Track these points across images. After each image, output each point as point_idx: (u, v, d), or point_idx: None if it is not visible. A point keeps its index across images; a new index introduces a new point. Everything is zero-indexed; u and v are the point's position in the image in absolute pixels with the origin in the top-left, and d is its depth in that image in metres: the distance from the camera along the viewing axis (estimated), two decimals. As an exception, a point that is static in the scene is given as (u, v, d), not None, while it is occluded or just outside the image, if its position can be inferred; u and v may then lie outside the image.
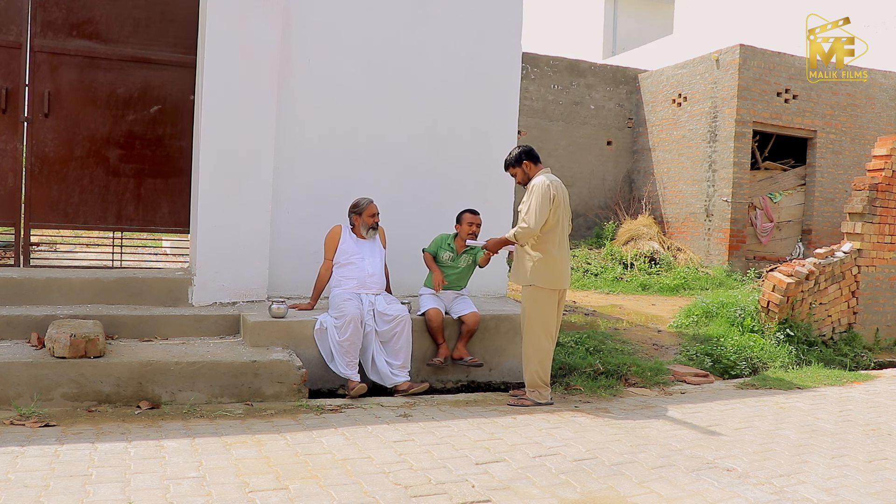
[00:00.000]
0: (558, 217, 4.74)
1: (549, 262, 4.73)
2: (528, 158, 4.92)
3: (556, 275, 4.76)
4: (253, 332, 4.85)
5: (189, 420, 4.01)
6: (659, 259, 11.36)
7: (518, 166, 4.93)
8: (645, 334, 7.15)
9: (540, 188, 4.69)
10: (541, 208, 4.64)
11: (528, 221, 4.66)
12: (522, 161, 4.91)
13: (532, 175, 4.89)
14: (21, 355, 4.23)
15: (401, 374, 4.94)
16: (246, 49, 5.38)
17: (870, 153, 8.75)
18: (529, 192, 4.76)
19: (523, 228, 4.69)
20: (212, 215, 5.35)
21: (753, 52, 11.27)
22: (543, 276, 4.73)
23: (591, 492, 3.24)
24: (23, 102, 5.33)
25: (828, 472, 3.68)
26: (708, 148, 11.71)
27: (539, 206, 4.65)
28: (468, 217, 5.40)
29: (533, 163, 4.91)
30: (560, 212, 4.76)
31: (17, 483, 2.98)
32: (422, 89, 6.07)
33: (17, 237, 5.43)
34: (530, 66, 12.54)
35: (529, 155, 4.92)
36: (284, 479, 3.17)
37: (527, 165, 4.90)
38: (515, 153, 4.94)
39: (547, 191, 4.67)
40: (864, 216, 7.64)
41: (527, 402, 4.77)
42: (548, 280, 4.74)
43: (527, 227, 4.67)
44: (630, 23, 20.28)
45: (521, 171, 4.93)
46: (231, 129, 5.35)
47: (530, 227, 4.66)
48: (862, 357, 7.27)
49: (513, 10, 6.29)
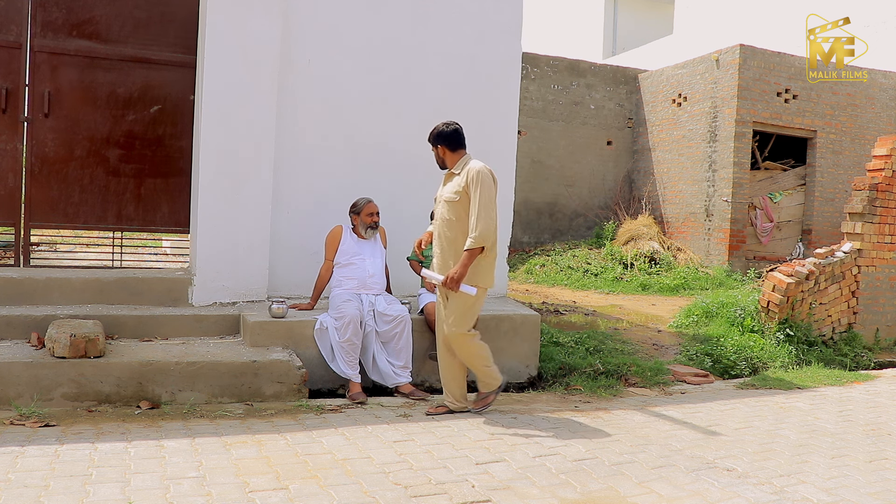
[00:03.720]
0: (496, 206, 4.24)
1: (491, 259, 4.24)
2: (444, 142, 4.26)
3: (492, 273, 4.32)
4: (253, 332, 4.85)
5: (189, 420, 4.01)
6: (659, 259, 11.36)
7: (434, 146, 4.32)
8: (645, 334, 7.15)
9: (486, 175, 4.12)
10: (493, 197, 4.12)
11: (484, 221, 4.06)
12: (438, 143, 4.28)
13: (449, 162, 4.30)
14: (21, 355, 4.23)
15: (403, 375, 4.93)
16: (246, 49, 5.38)
17: (870, 153, 8.75)
18: (470, 179, 4.13)
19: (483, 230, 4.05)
20: (212, 215, 5.35)
21: (753, 52, 11.27)
22: (487, 275, 4.27)
23: (591, 492, 3.24)
24: (23, 102, 5.33)
25: (828, 472, 3.68)
26: (708, 148, 11.71)
27: (490, 197, 4.09)
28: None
29: (450, 148, 4.25)
30: None
31: (17, 483, 2.98)
32: (422, 89, 6.07)
33: (17, 237, 5.43)
34: (530, 66, 12.54)
35: (447, 140, 4.24)
36: (284, 479, 3.17)
37: (441, 149, 4.28)
38: (435, 132, 4.28)
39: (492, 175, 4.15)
40: (864, 216, 7.63)
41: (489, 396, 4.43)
42: (490, 279, 4.31)
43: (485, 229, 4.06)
44: (630, 23, 20.28)
45: (437, 152, 4.33)
46: (231, 129, 5.35)
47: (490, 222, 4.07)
48: (862, 357, 7.26)
49: (513, 11, 6.29)
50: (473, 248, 4.10)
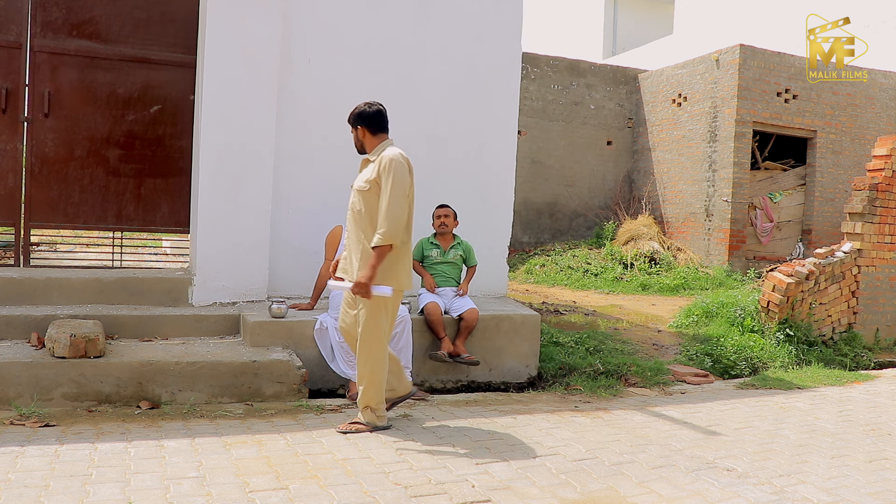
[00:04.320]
0: (412, 198, 3.87)
1: (404, 257, 3.86)
2: (364, 124, 3.91)
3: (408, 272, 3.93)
4: (253, 332, 4.85)
5: (189, 420, 4.01)
6: (659, 259, 11.36)
7: (354, 127, 3.97)
8: (645, 334, 7.15)
9: (398, 163, 3.74)
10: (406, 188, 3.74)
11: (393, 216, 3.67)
12: (358, 125, 3.94)
13: (368, 147, 3.94)
14: (21, 355, 4.23)
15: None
16: (246, 49, 5.38)
17: (870, 153, 8.75)
18: (382, 168, 3.75)
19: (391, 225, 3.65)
20: (212, 215, 5.35)
21: (753, 52, 11.27)
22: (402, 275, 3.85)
23: (591, 492, 3.24)
24: (23, 102, 5.33)
25: (828, 472, 3.68)
26: (708, 148, 11.71)
27: (402, 188, 3.72)
28: (436, 212, 5.56)
29: (370, 131, 3.90)
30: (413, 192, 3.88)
31: (17, 483, 2.98)
32: (422, 89, 6.07)
33: (17, 237, 5.43)
34: (530, 66, 12.54)
35: (368, 120, 3.90)
36: (284, 479, 3.17)
37: (361, 131, 3.93)
38: (355, 112, 3.94)
39: (406, 164, 3.79)
40: (864, 216, 7.64)
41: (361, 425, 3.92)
42: (406, 280, 3.90)
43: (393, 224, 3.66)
44: (630, 23, 20.28)
45: (355, 135, 3.99)
46: (231, 129, 5.35)
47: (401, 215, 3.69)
48: (862, 357, 7.27)
49: (513, 11, 6.29)
50: (382, 246, 3.69)
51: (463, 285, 5.55)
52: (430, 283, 5.44)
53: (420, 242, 5.62)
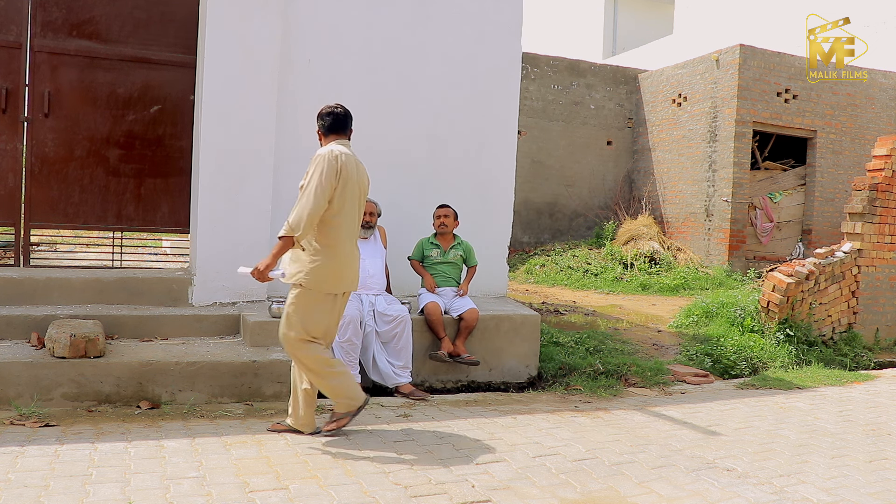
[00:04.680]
0: (345, 199, 3.71)
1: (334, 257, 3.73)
2: (319, 123, 3.89)
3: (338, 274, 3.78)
4: (253, 332, 4.85)
5: (189, 420, 4.01)
6: (659, 259, 11.37)
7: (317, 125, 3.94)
8: (645, 334, 7.15)
9: (325, 159, 3.65)
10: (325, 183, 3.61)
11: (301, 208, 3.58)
12: (317, 122, 3.92)
13: (321, 145, 3.91)
14: (21, 355, 4.23)
15: (403, 375, 4.94)
16: (246, 49, 5.38)
17: (870, 153, 8.75)
18: (310, 162, 3.72)
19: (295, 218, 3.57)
20: (212, 215, 5.35)
21: (753, 52, 11.27)
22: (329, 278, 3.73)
23: (591, 492, 3.24)
24: (23, 102, 5.33)
25: (828, 472, 3.68)
26: (708, 148, 11.71)
27: (320, 182, 3.60)
28: (436, 212, 5.61)
29: (322, 132, 3.87)
30: (349, 193, 3.73)
31: (17, 483, 2.98)
32: (421, 89, 6.07)
33: (17, 237, 5.43)
34: (530, 66, 12.54)
35: (322, 120, 3.87)
36: (284, 479, 3.17)
37: (318, 131, 3.91)
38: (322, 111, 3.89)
39: (334, 162, 3.65)
40: (864, 216, 7.64)
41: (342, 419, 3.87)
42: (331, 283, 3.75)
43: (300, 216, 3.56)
44: (630, 23, 20.28)
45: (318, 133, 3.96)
46: (231, 129, 5.35)
47: (309, 210, 3.56)
48: (862, 357, 7.27)
49: (513, 11, 6.29)
50: (285, 237, 3.60)
51: (463, 285, 5.55)
52: (430, 283, 5.45)
53: (420, 242, 5.63)
